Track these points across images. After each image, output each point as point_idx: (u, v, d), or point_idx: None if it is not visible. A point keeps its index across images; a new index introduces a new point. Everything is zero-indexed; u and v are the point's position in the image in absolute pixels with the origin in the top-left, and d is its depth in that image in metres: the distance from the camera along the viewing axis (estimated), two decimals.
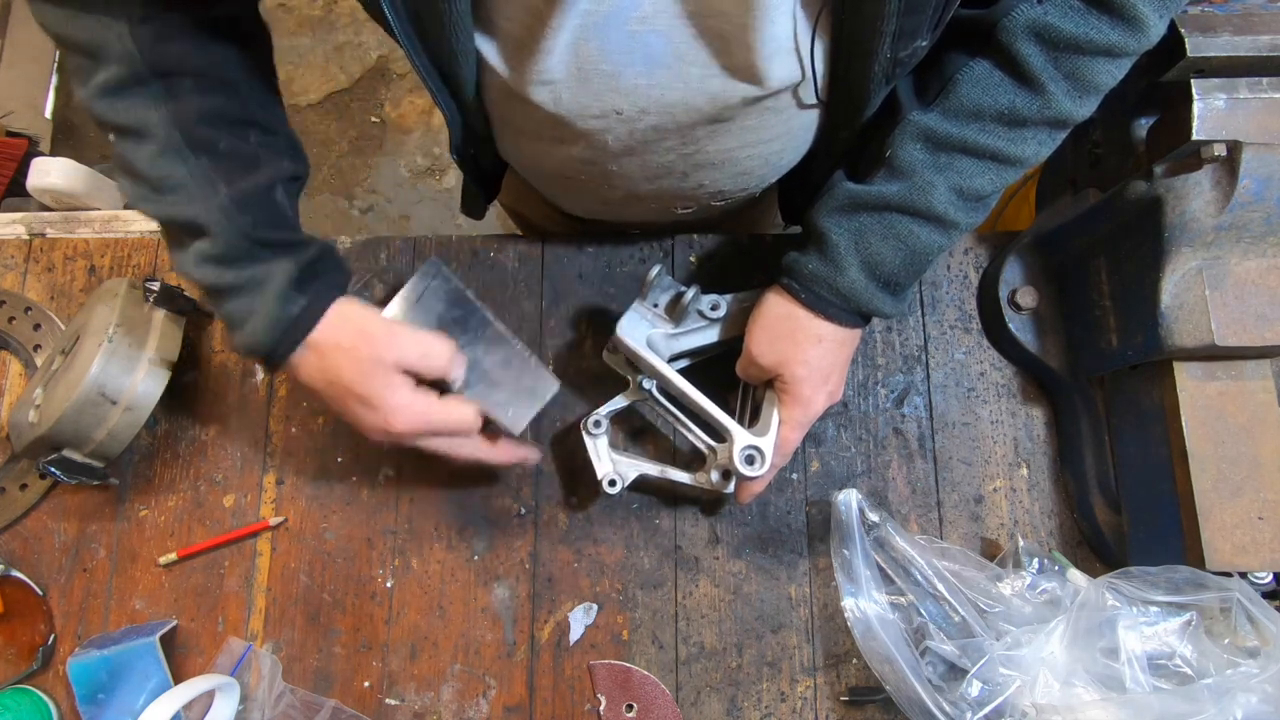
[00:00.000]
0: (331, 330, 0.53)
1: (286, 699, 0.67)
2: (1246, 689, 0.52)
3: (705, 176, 0.61)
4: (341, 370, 0.53)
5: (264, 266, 0.52)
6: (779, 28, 0.46)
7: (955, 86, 0.51)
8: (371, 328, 0.54)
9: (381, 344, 0.53)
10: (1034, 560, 0.65)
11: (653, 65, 0.48)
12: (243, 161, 0.52)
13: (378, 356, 0.53)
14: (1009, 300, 0.70)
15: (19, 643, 0.68)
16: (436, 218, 1.95)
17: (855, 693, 0.67)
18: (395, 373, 0.53)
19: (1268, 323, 0.55)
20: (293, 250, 0.53)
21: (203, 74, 0.51)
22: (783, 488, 0.71)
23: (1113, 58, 0.49)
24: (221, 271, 0.52)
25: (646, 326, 0.63)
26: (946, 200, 0.52)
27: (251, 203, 0.52)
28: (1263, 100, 0.53)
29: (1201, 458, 0.57)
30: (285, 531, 0.71)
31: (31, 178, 0.82)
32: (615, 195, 0.64)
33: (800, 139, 0.60)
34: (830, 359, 0.57)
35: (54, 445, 0.64)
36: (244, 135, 0.53)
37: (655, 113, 0.52)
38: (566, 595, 0.70)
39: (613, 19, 0.45)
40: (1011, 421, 0.72)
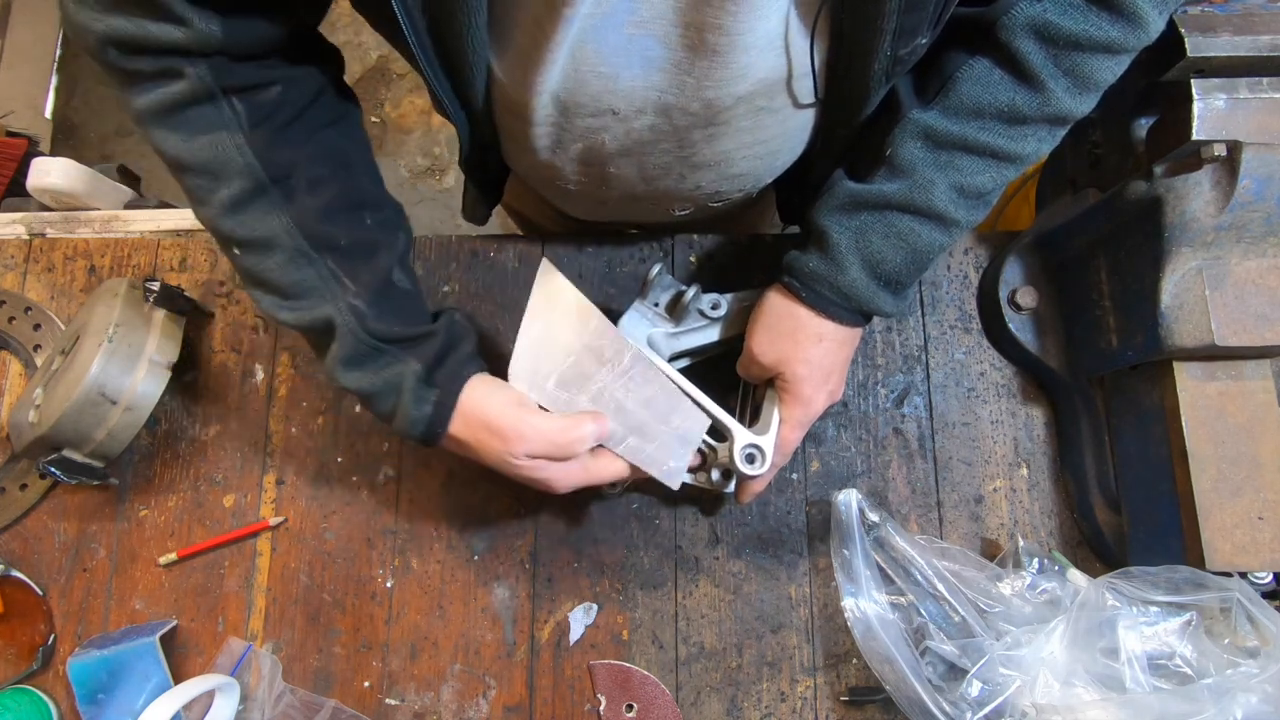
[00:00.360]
0: (463, 426, 0.53)
1: (286, 699, 0.67)
2: (1246, 689, 0.52)
3: (702, 177, 0.61)
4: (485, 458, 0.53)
5: (395, 368, 0.52)
6: (770, 25, 0.46)
7: (955, 84, 0.51)
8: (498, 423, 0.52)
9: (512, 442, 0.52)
10: (1034, 560, 0.65)
11: (649, 67, 0.48)
12: (364, 252, 0.53)
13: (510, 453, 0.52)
14: (1009, 300, 0.70)
15: (19, 643, 0.68)
16: (436, 218, 1.95)
17: (855, 693, 0.67)
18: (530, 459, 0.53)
19: (1268, 323, 0.55)
20: (418, 345, 0.53)
21: (315, 168, 0.51)
22: (783, 488, 0.71)
23: (1112, 54, 0.49)
24: (359, 376, 0.52)
25: (647, 326, 0.63)
26: (947, 198, 0.52)
27: (376, 297, 0.52)
28: (1263, 100, 0.53)
29: (1201, 458, 0.57)
30: (285, 531, 0.71)
31: (31, 178, 0.82)
32: (613, 196, 0.65)
33: (797, 139, 0.60)
34: (831, 358, 0.57)
35: (54, 445, 0.64)
36: (360, 221, 0.53)
37: (651, 112, 0.52)
38: (566, 595, 0.70)
39: (610, 22, 0.45)
40: (1011, 421, 0.72)
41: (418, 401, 0.52)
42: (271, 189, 0.49)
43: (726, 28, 0.45)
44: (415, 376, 0.52)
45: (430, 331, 0.54)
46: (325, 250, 0.51)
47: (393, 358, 0.52)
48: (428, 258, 0.76)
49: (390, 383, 0.52)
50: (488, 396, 0.53)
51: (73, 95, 2.11)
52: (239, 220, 0.50)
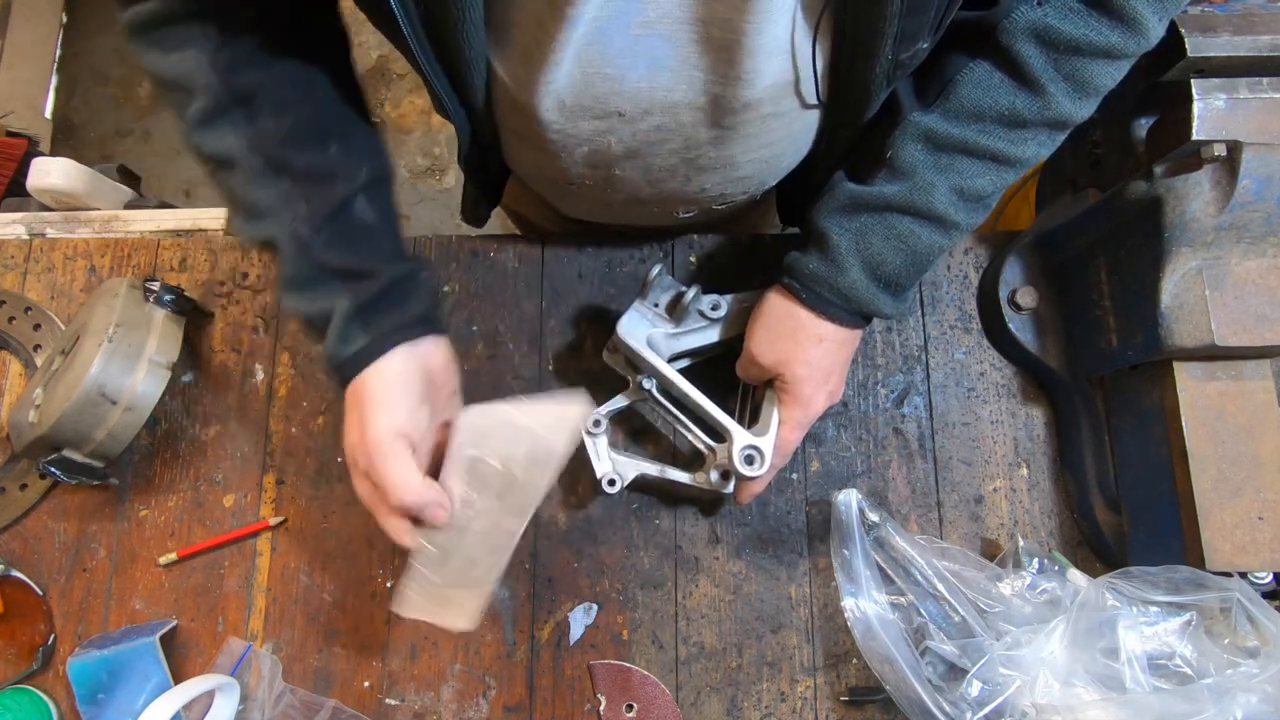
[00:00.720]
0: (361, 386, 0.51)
1: (286, 699, 0.67)
2: (1246, 689, 0.52)
3: (707, 180, 0.61)
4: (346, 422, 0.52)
5: (328, 300, 0.52)
6: (779, 28, 0.46)
7: (956, 88, 0.51)
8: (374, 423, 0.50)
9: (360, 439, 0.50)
10: (1034, 560, 0.65)
11: (655, 68, 0.48)
12: (320, 178, 0.52)
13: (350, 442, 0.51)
14: (1009, 300, 0.70)
15: (19, 643, 0.68)
16: (436, 218, 1.95)
17: (855, 693, 0.67)
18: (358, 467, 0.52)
19: (1268, 323, 0.55)
20: (356, 281, 0.52)
21: (278, 94, 0.52)
22: (783, 488, 0.71)
23: (1112, 59, 0.49)
24: (297, 299, 0.53)
25: (647, 326, 0.63)
26: (947, 201, 0.52)
27: (326, 223, 0.52)
28: (1263, 100, 0.53)
29: (1201, 458, 0.57)
30: (285, 531, 0.71)
31: (31, 178, 0.82)
32: (617, 199, 0.64)
33: (801, 141, 0.60)
34: (831, 359, 0.57)
35: (54, 445, 0.64)
36: (323, 149, 0.53)
37: (658, 114, 0.52)
38: (566, 595, 0.70)
39: (616, 22, 0.45)
40: (1011, 421, 0.72)
41: (343, 340, 0.51)
42: (233, 109, 0.50)
43: (736, 29, 0.45)
44: (343, 314, 0.51)
45: (374, 270, 0.52)
46: (282, 172, 0.51)
47: (328, 289, 0.52)
48: (428, 257, 0.76)
49: (322, 311, 0.52)
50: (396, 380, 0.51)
51: (73, 95, 2.11)
52: (204, 136, 0.51)
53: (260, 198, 0.52)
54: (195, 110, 0.50)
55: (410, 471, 0.50)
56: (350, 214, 0.53)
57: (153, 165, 2.03)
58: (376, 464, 0.50)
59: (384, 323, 0.52)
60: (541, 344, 0.74)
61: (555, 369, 0.74)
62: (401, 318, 0.53)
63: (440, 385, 0.55)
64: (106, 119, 2.09)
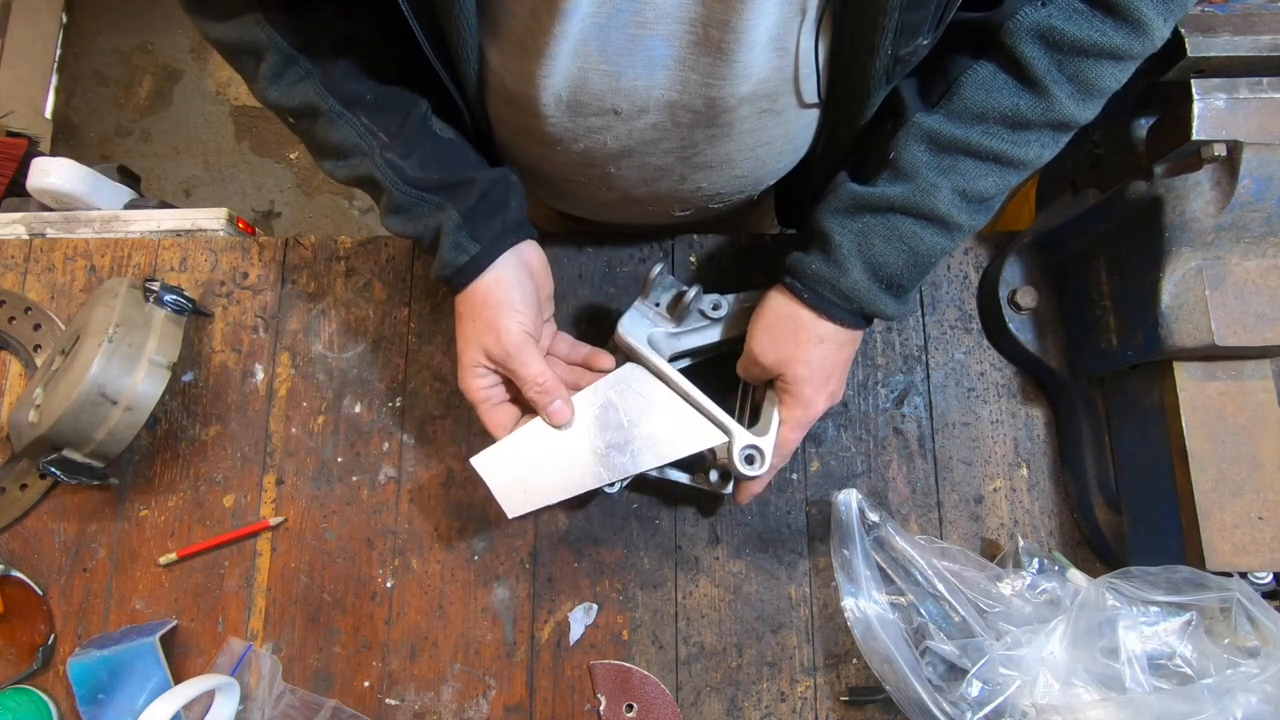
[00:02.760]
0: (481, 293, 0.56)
1: (286, 699, 0.67)
2: (1246, 689, 0.52)
3: (703, 179, 0.61)
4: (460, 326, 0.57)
5: (434, 215, 0.55)
6: (775, 25, 0.46)
7: (959, 89, 0.51)
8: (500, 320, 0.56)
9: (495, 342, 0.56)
10: (1034, 560, 0.65)
11: (652, 67, 0.48)
12: (393, 104, 0.56)
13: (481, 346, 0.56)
14: (1009, 300, 0.70)
15: (19, 643, 0.68)
16: None
17: (855, 693, 0.67)
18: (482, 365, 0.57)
19: (1268, 323, 0.55)
20: (455, 191, 0.56)
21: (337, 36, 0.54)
22: (783, 488, 0.71)
23: (1117, 61, 0.48)
24: (404, 222, 0.56)
25: (648, 325, 0.63)
26: (950, 202, 0.52)
27: (411, 145, 0.55)
28: (1263, 100, 0.53)
29: (1201, 458, 0.57)
30: (285, 531, 0.71)
31: (31, 178, 0.83)
32: (612, 197, 0.64)
33: (798, 141, 0.60)
34: (832, 360, 0.57)
35: (54, 445, 0.64)
36: (387, 75, 0.56)
37: (654, 112, 0.52)
38: (566, 595, 0.70)
39: (614, 21, 0.45)
40: (1011, 421, 0.72)
41: (456, 249, 0.55)
42: (300, 57, 0.53)
43: (733, 26, 0.45)
44: (454, 224, 0.55)
45: (470, 179, 0.56)
46: (356, 106, 0.54)
47: (433, 205, 0.55)
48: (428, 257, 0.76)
49: (429, 227, 0.55)
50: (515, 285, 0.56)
51: (73, 95, 2.11)
52: (281, 90, 0.54)
53: (345, 136, 0.54)
54: (265, 69, 0.53)
55: (546, 367, 0.57)
56: (430, 131, 0.57)
57: (153, 165, 2.03)
58: (516, 360, 0.56)
59: (491, 228, 0.56)
60: None
61: None
62: (504, 223, 0.57)
63: (541, 286, 0.60)
64: (106, 119, 2.09)
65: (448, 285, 0.57)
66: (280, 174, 2.07)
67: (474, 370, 0.57)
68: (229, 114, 2.10)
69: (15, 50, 1.97)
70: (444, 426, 0.72)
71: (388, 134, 0.55)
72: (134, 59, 2.14)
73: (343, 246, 0.76)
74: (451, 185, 0.56)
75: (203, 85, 2.12)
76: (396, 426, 0.73)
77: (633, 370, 0.61)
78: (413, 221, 0.56)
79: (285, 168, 2.07)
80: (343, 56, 0.54)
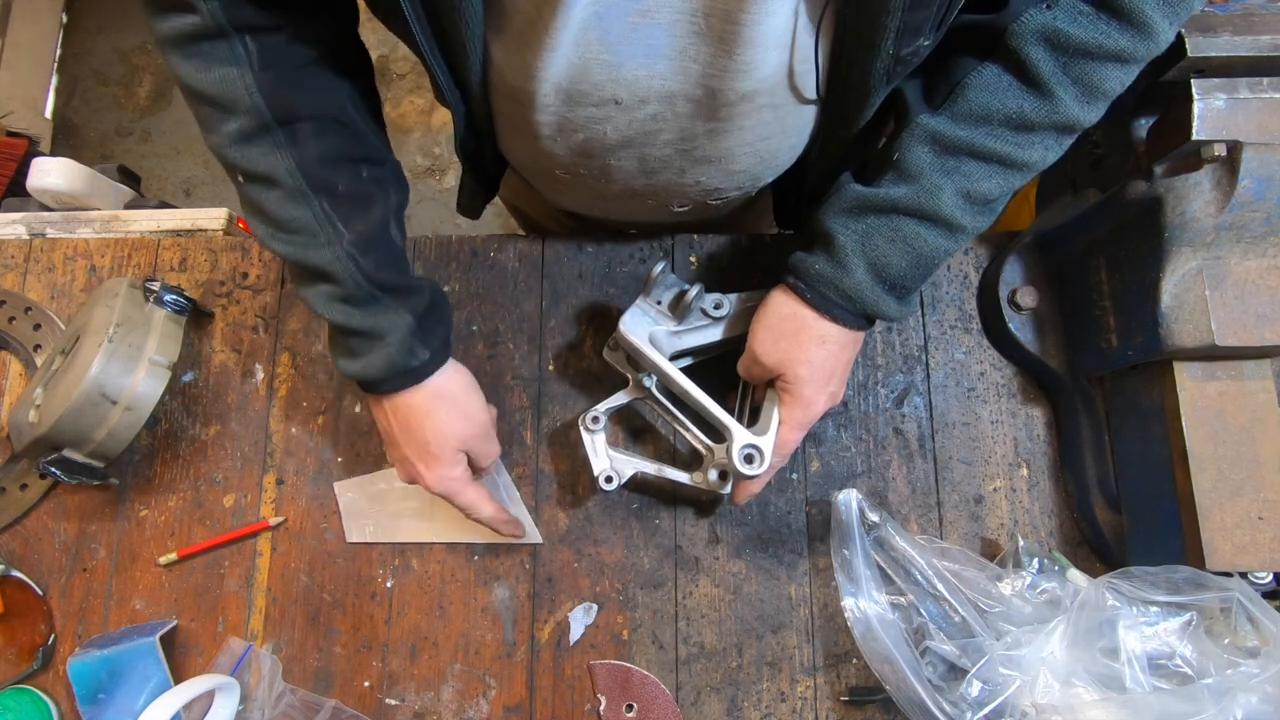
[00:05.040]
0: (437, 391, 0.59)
1: (286, 699, 0.67)
2: (1246, 689, 0.52)
3: (703, 173, 0.61)
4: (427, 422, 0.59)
5: (387, 315, 0.56)
6: (778, 20, 0.46)
7: (964, 90, 0.51)
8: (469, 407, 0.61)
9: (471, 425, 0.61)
10: (1034, 560, 0.65)
11: (653, 57, 0.48)
12: (359, 201, 0.56)
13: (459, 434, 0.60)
14: (1009, 300, 0.70)
15: (19, 643, 0.68)
16: (436, 218, 1.95)
17: (855, 693, 0.67)
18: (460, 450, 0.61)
19: (1268, 323, 0.55)
20: (410, 296, 0.58)
21: (320, 116, 0.54)
22: (783, 488, 0.71)
23: (1122, 64, 0.48)
24: (349, 312, 0.56)
25: (649, 323, 0.63)
26: (954, 204, 0.52)
27: (370, 245, 0.56)
28: (1263, 100, 0.53)
29: (1201, 458, 0.57)
30: (285, 531, 0.71)
31: (31, 178, 0.83)
32: (611, 190, 0.64)
33: (797, 137, 0.60)
34: (833, 360, 0.57)
35: (54, 445, 0.64)
36: (358, 173, 0.56)
37: (654, 103, 0.52)
38: (566, 595, 0.70)
39: (614, 10, 0.46)
40: (1011, 421, 0.72)
41: (405, 354, 0.57)
42: (276, 130, 0.52)
43: (734, 17, 0.45)
44: (407, 328, 0.57)
45: (420, 285, 0.59)
46: (323, 193, 0.54)
47: (385, 306, 0.56)
48: (428, 257, 0.76)
49: (378, 327, 0.56)
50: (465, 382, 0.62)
51: (73, 95, 2.11)
52: (243, 153, 0.52)
53: (299, 215, 0.54)
54: (234, 129, 0.51)
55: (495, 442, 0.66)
56: (389, 235, 0.58)
57: (153, 165, 2.03)
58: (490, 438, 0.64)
59: (439, 337, 0.60)
60: (541, 343, 0.74)
61: (555, 368, 0.74)
62: (446, 333, 0.61)
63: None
64: (106, 119, 2.09)
65: (373, 387, 0.58)
66: None
67: (454, 459, 0.61)
68: None
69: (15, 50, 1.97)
70: None
71: (348, 227, 0.54)
72: (134, 59, 2.14)
73: None
74: (405, 289, 0.57)
75: None
76: None
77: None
78: (361, 316, 0.56)
79: None
80: (322, 139, 0.53)
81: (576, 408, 0.73)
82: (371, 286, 0.55)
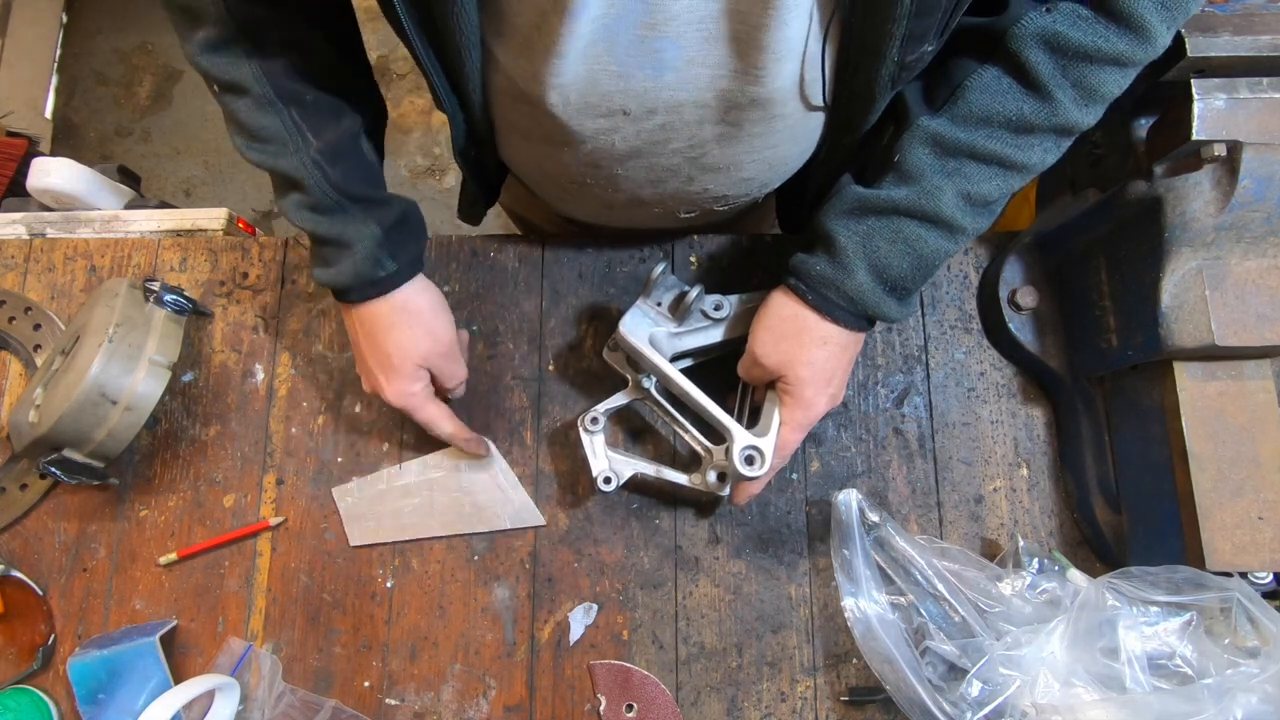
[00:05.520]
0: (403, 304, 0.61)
1: (286, 699, 0.67)
2: (1246, 689, 0.52)
3: (710, 181, 0.61)
4: (390, 335, 0.60)
5: (354, 225, 0.57)
6: (793, 30, 0.46)
7: (964, 93, 0.51)
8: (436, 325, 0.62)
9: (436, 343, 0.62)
10: (1034, 560, 0.65)
11: (661, 68, 0.48)
12: (328, 112, 0.57)
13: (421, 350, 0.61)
14: (1009, 300, 0.70)
15: (19, 643, 0.68)
16: (437, 218, 1.95)
17: (855, 693, 0.67)
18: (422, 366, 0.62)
19: (1268, 323, 0.55)
20: (378, 209, 0.58)
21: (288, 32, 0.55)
22: (783, 488, 0.71)
23: (1120, 67, 0.49)
24: (317, 219, 0.57)
25: (649, 324, 0.63)
26: (954, 205, 0.52)
27: (338, 155, 0.57)
28: (1263, 100, 0.53)
29: (1201, 458, 0.57)
30: (285, 531, 0.71)
31: (31, 178, 0.82)
32: (619, 199, 0.64)
33: (804, 143, 0.60)
34: (834, 361, 0.57)
35: (54, 445, 0.64)
36: (327, 86, 0.57)
37: (663, 113, 0.52)
38: (566, 595, 0.70)
39: (622, 23, 0.45)
40: (1011, 421, 0.72)
41: (371, 264, 0.58)
42: (241, 38, 0.53)
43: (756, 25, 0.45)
44: (373, 239, 0.58)
45: (389, 199, 0.60)
46: (291, 103, 0.55)
47: (355, 215, 0.57)
48: (428, 257, 0.76)
49: (345, 236, 0.57)
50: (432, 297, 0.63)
51: (73, 95, 2.11)
52: (212, 61, 0.53)
53: (270, 124, 0.55)
54: (204, 37, 0.53)
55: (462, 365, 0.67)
56: (358, 147, 0.59)
57: (153, 165, 2.03)
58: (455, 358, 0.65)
59: (408, 252, 0.61)
60: (541, 344, 0.74)
61: (555, 368, 0.74)
62: (417, 251, 0.62)
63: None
64: (106, 119, 2.09)
65: (342, 295, 0.60)
66: None
67: (415, 375, 0.62)
68: None
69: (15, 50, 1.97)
70: None
71: (316, 136, 0.56)
72: (134, 59, 2.14)
73: None
74: (373, 201, 0.58)
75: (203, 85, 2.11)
76: (396, 426, 0.73)
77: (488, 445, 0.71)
78: (329, 224, 0.57)
79: None
80: (289, 54, 0.55)
81: (576, 408, 0.73)
82: (339, 195, 0.56)
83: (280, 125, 0.55)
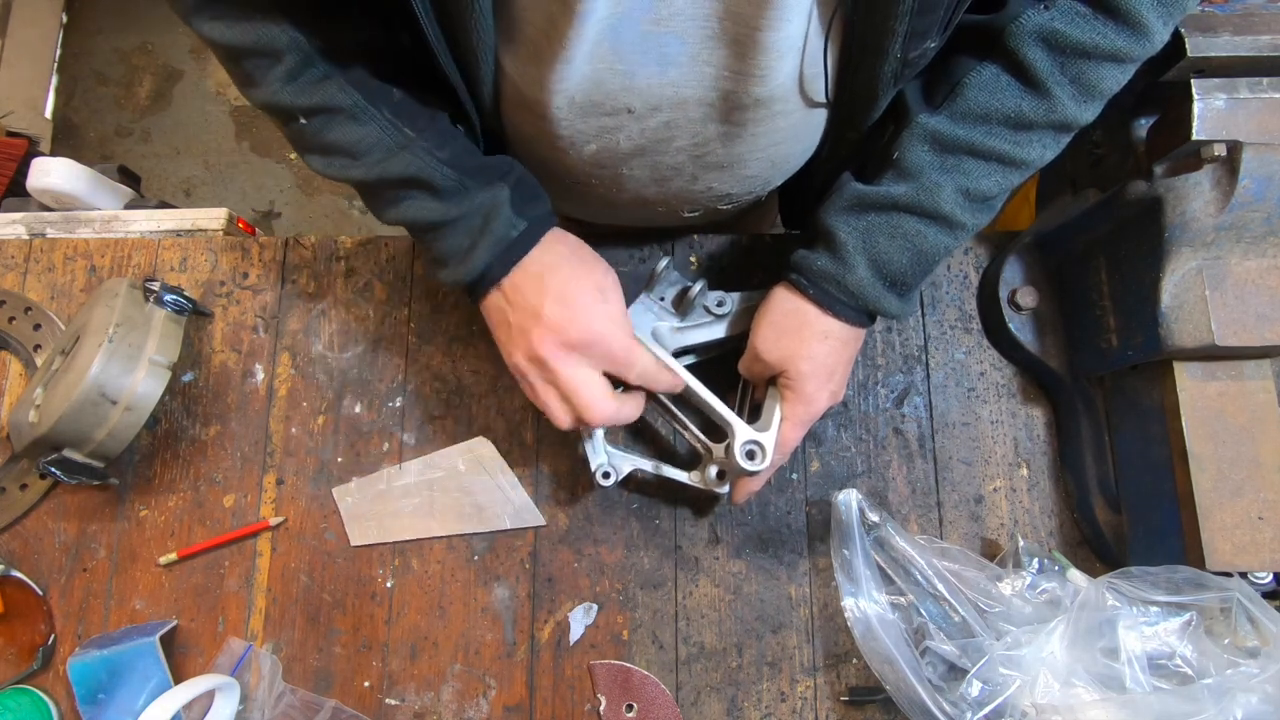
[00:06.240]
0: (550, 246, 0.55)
1: (286, 699, 0.67)
2: (1246, 689, 0.52)
3: (714, 179, 0.61)
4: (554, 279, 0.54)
5: (484, 193, 0.54)
6: (794, 27, 0.46)
7: (963, 90, 0.52)
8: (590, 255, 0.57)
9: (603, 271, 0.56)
10: (1034, 560, 0.65)
11: (666, 64, 0.48)
12: (418, 102, 0.55)
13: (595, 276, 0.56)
14: (1009, 300, 0.70)
15: (19, 643, 0.68)
16: None
17: (855, 693, 0.67)
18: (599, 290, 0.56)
19: (1268, 323, 0.55)
20: (498, 174, 0.55)
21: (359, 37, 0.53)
22: (783, 488, 0.71)
23: (1118, 63, 0.49)
24: (446, 207, 0.54)
25: (652, 319, 0.63)
26: (953, 201, 0.52)
27: (442, 139, 0.54)
28: (1263, 100, 0.53)
29: (1201, 458, 0.57)
30: (285, 531, 0.71)
31: (31, 178, 0.83)
32: (623, 198, 0.65)
33: (808, 141, 0.60)
34: (835, 357, 0.57)
35: (54, 445, 0.64)
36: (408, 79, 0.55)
37: (667, 110, 0.52)
38: (566, 595, 0.70)
39: (627, 20, 0.46)
40: (1011, 421, 0.72)
41: (510, 225, 0.54)
42: (319, 58, 0.51)
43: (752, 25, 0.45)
44: (507, 200, 0.54)
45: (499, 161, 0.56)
46: (381, 102, 0.53)
47: (477, 185, 0.54)
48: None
49: (479, 207, 0.54)
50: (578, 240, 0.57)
51: (73, 95, 2.11)
52: (296, 90, 0.52)
53: (366, 134, 0.53)
54: (281, 70, 0.51)
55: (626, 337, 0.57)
56: (454, 129, 0.56)
57: (153, 165, 2.03)
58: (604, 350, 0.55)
59: (541, 203, 0.57)
60: None
61: None
62: (546, 204, 0.57)
63: None
64: (106, 119, 2.09)
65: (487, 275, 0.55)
66: (280, 174, 2.07)
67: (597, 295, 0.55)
68: (229, 114, 2.10)
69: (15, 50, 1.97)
70: (444, 426, 0.72)
71: (415, 130, 0.53)
72: (134, 59, 2.14)
73: (343, 247, 0.76)
74: (490, 167, 0.55)
75: (203, 85, 2.12)
76: (396, 426, 0.73)
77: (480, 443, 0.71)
78: (458, 205, 0.54)
79: (285, 168, 2.07)
80: (364, 60, 0.53)
81: None
82: (458, 174, 0.53)
83: (379, 130, 0.53)
